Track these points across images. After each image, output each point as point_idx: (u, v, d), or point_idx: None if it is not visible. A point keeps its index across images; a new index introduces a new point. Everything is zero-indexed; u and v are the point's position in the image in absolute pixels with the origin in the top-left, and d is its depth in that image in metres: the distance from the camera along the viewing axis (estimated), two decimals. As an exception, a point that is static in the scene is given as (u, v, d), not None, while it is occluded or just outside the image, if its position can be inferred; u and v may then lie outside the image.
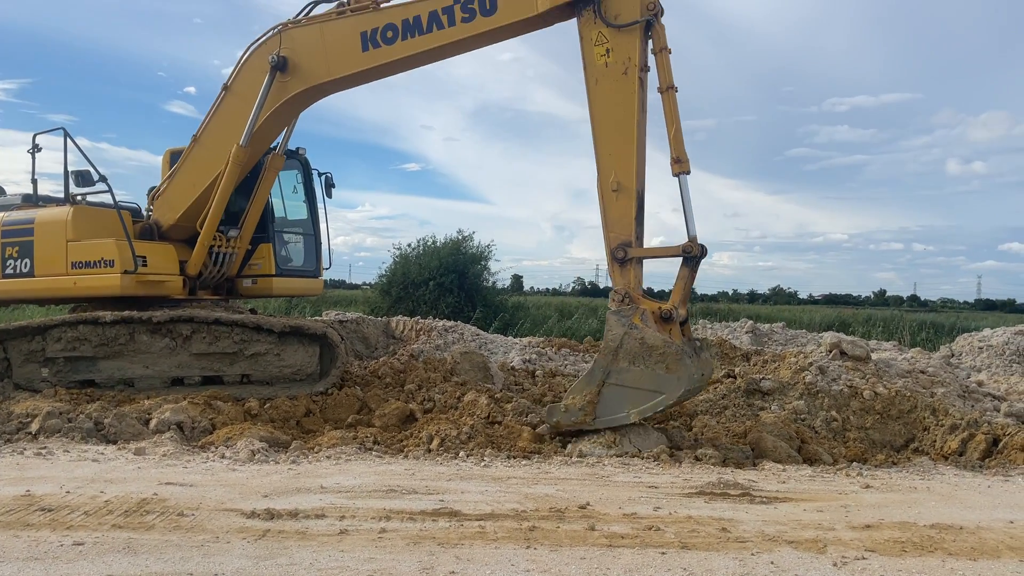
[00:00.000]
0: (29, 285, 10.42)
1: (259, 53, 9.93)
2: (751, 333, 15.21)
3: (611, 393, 7.86)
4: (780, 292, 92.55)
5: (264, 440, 7.94)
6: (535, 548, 4.90)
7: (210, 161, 10.35)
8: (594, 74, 8.27)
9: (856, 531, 5.46)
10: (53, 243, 10.30)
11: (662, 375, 7.63)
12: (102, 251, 10.11)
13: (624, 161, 8.17)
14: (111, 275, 9.98)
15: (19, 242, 10.48)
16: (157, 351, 9.93)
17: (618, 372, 7.81)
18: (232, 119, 10.16)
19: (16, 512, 5.33)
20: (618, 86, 8.17)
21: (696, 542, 5.10)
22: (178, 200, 10.65)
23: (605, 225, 8.26)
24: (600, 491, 6.46)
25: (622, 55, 8.15)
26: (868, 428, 9.06)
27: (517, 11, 8.51)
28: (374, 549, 4.80)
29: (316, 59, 9.60)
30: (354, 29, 9.27)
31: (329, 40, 9.50)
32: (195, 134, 10.54)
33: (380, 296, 25.94)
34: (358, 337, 14.88)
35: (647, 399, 7.69)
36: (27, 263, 10.40)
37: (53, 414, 8.28)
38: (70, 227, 10.23)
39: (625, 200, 8.14)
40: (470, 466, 7.41)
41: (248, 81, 10.02)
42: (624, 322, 7.82)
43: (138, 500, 5.73)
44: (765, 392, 9.81)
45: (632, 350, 7.75)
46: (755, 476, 7.30)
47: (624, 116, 8.18)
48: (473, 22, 8.68)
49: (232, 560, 4.53)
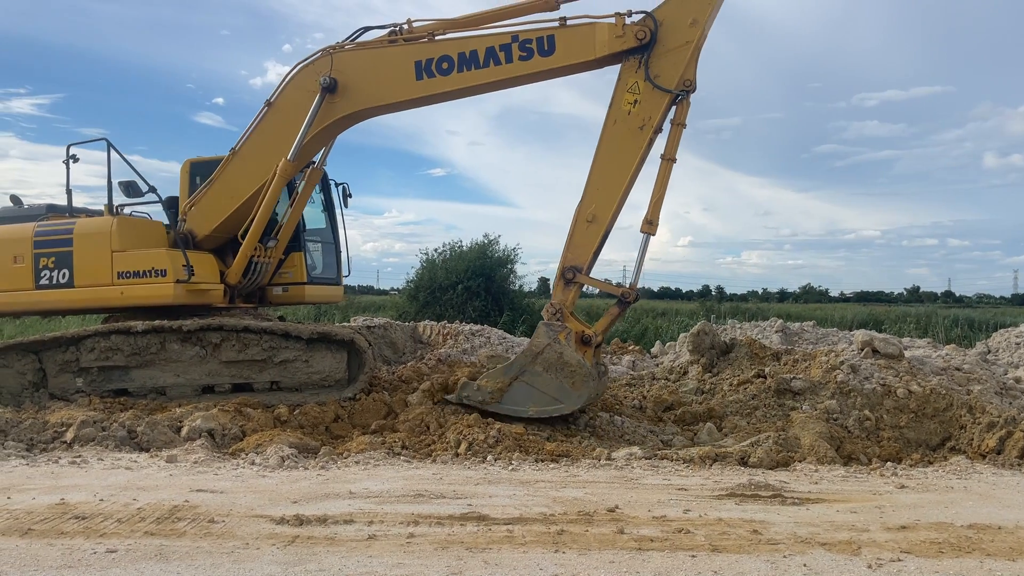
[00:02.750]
0: (68, 295, 10.46)
1: (306, 73, 10.08)
2: (781, 332, 15.04)
3: (519, 388, 8.91)
4: (810, 290, 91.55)
5: (293, 446, 7.99)
6: (563, 552, 4.87)
7: (250, 174, 10.51)
8: (615, 115, 8.92)
9: (891, 532, 5.37)
10: (96, 253, 10.35)
11: (567, 388, 8.74)
12: (152, 261, 10.27)
13: (608, 198, 8.93)
14: (163, 284, 10.15)
15: (56, 252, 10.50)
16: (187, 359, 10.04)
17: (532, 373, 8.85)
18: (274, 134, 10.31)
19: (50, 520, 5.41)
20: (631, 135, 8.88)
21: (727, 545, 5.04)
22: (215, 211, 10.74)
23: (567, 245, 9.09)
24: (629, 494, 6.42)
25: (645, 112, 8.82)
26: (902, 427, 8.91)
27: (575, 55, 9.01)
28: (402, 554, 4.80)
29: (368, 84, 9.85)
30: (408, 58, 9.56)
31: (383, 67, 9.78)
32: (234, 147, 10.67)
33: (407, 301, 26.07)
34: (386, 342, 14.96)
35: (548, 403, 8.81)
36: (65, 273, 10.43)
37: (87, 423, 8.40)
38: (115, 237, 10.34)
39: (594, 231, 8.97)
40: (498, 470, 7.40)
41: (292, 99, 10.18)
42: (551, 335, 8.84)
43: (170, 507, 5.78)
44: (796, 392, 9.69)
45: (549, 360, 8.79)
46: (786, 477, 7.21)
47: (624, 162, 8.91)
48: (530, 61, 9.12)
49: (262, 566, 4.56)
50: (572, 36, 8.98)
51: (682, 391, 11.12)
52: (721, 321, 21.53)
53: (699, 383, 11.32)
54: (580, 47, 8.97)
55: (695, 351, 12.29)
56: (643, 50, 8.76)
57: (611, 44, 8.83)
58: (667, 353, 14.65)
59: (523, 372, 8.92)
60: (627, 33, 8.78)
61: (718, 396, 10.41)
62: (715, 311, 30.74)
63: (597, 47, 8.88)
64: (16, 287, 10.59)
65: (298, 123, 10.03)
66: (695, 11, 8.68)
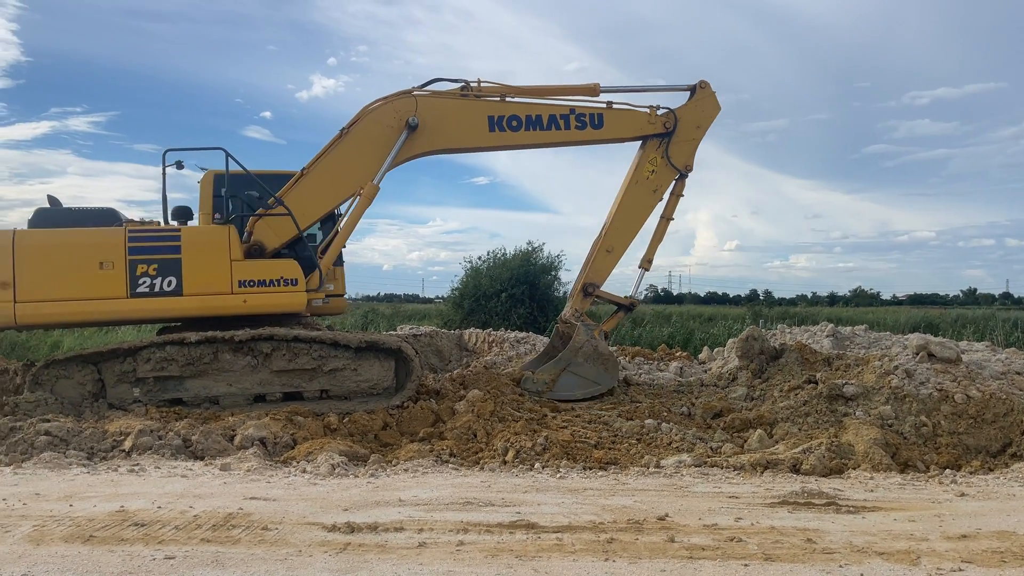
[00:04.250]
0: (175, 304, 10.41)
1: (386, 110, 11.26)
2: (832, 336, 14.74)
3: (567, 377, 11.44)
4: (861, 293, 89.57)
5: (343, 454, 8.09)
6: (614, 560, 4.85)
7: (324, 194, 11.19)
8: (637, 178, 12.06)
9: (951, 541, 5.23)
10: (212, 261, 10.46)
11: (603, 372, 11.57)
12: (282, 270, 10.62)
13: (624, 238, 12.21)
14: (295, 293, 10.58)
15: (159, 259, 10.36)
16: (239, 369, 10.23)
17: (575, 364, 11.49)
18: (349, 160, 11.17)
19: (111, 528, 5.55)
20: (647, 194, 12.14)
21: (780, 553, 4.96)
22: (287, 228, 10.95)
23: (588, 266, 12.16)
24: (679, 502, 6.36)
25: (658, 180, 12.11)
26: (961, 433, 8.67)
27: (618, 131, 12.02)
28: (452, 562, 4.82)
29: (447, 128, 11.49)
30: (483, 112, 11.55)
31: (461, 116, 11.57)
32: (304, 168, 11.12)
33: (452, 309, 26.17)
34: (432, 350, 15.06)
35: (589, 386, 11.45)
36: (172, 281, 10.37)
37: (144, 432, 8.60)
38: (235, 246, 10.57)
39: (611, 260, 12.19)
40: (546, 478, 7.39)
41: (369, 131, 11.22)
42: (588, 333, 11.67)
43: (225, 515, 5.89)
44: (848, 397, 9.50)
45: (588, 352, 11.54)
46: (840, 485, 7.07)
47: (641, 212, 12.19)
48: (584, 131, 11.81)
49: (315, 573, 4.62)
50: (617, 117, 11.91)
51: (731, 397, 10.99)
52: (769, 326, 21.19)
53: (748, 389, 11.18)
54: (622, 126, 11.96)
55: (744, 356, 12.14)
56: (664, 136, 11.92)
57: (644, 128, 11.97)
58: (715, 359, 14.48)
59: (569, 364, 11.45)
60: (657, 122, 11.94)
61: (768, 402, 10.25)
62: (763, 315, 30.29)
63: (635, 128, 11.97)
64: (104, 295, 10.23)
65: (372, 152, 11.17)
66: (703, 119, 12.10)
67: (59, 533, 5.39)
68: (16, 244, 10.03)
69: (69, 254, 10.23)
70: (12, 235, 10.09)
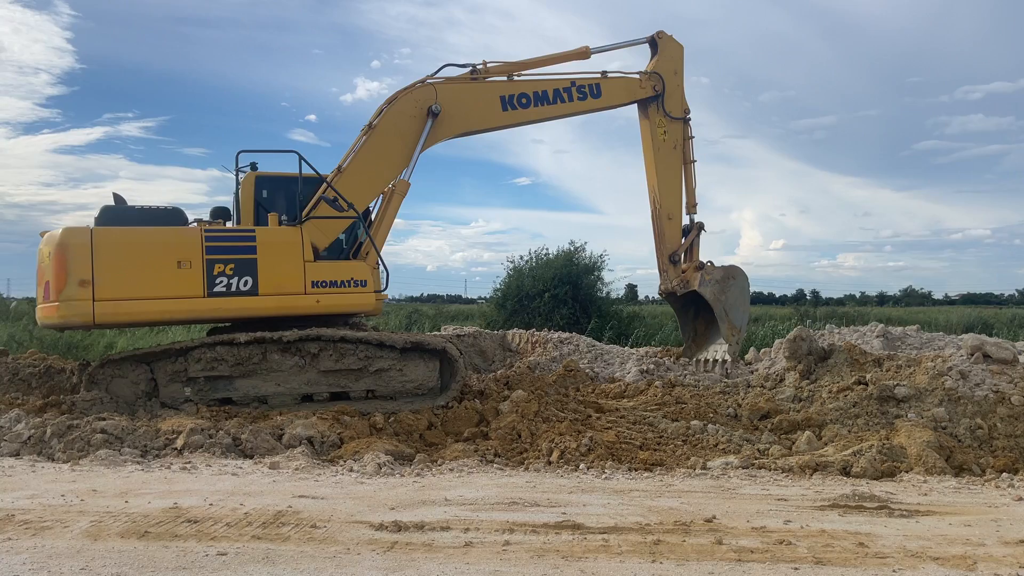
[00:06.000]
0: (251, 303, 10.52)
1: (407, 100, 11.64)
2: (882, 337, 14.46)
3: (734, 314, 13.53)
4: (912, 293, 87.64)
5: (390, 453, 8.16)
6: (661, 562, 4.81)
7: (359, 191, 11.33)
8: (656, 144, 13.59)
9: (1009, 547, 5.09)
10: (286, 262, 10.63)
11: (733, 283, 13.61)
12: (352, 271, 10.92)
13: (675, 198, 13.78)
14: (366, 294, 10.88)
15: (236, 259, 10.42)
16: (288, 369, 10.39)
17: (729, 305, 13.52)
18: (377, 154, 11.47)
19: (165, 524, 5.68)
20: (671, 153, 13.74)
21: (831, 557, 4.88)
22: (332, 227, 11.20)
23: (661, 240, 13.77)
24: (727, 504, 6.29)
25: (673, 136, 13.71)
26: (1018, 436, 8.43)
27: (615, 99, 13.39)
28: (499, 562, 4.84)
29: (466, 111, 12.11)
30: (495, 92, 12.28)
31: (477, 99, 12.22)
32: (340, 165, 11.31)
33: (496, 310, 26.21)
34: (476, 351, 15.11)
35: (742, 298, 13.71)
36: (248, 281, 10.44)
37: (196, 431, 8.77)
38: (307, 248, 10.76)
39: (676, 224, 13.80)
40: (591, 478, 7.37)
41: (394, 123, 11.53)
42: (704, 282, 13.41)
43: (274, 512, 5.99)
44: (900, 399, 9.30)
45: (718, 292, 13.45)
46: (893, 488, 6.93)
47: (676, 171, 13.76)
48: (585, 101, 12.97)
49: (363, 571, 4.67)
50: (613, 85, 13.25)
51: (779, 399, 10.81)
52: (817, 326, 20.83)
53: (796, 390, 10.99)
54: (618, 92, 13.32)
55: (792, 357, 11.94)
56: (656, 98, 13.48)
57: (636, 92, 13.45)
58: (762, 360, 14.27)
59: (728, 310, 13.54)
60: (647, 85, 13.46)
61: (816, 404, 10.08)
62: (810, 315, 29.79)
63: (629, 93, 13.42)
64: (182, 294, 10.22)
65: (397, 144, 11.49)
66: (676, 63, 13.68)
67: (115, 529, 5.53)
68: (94, 242, 9.88)
69: (147, 253, 10.17)
70: (90, 233, 9.93)
